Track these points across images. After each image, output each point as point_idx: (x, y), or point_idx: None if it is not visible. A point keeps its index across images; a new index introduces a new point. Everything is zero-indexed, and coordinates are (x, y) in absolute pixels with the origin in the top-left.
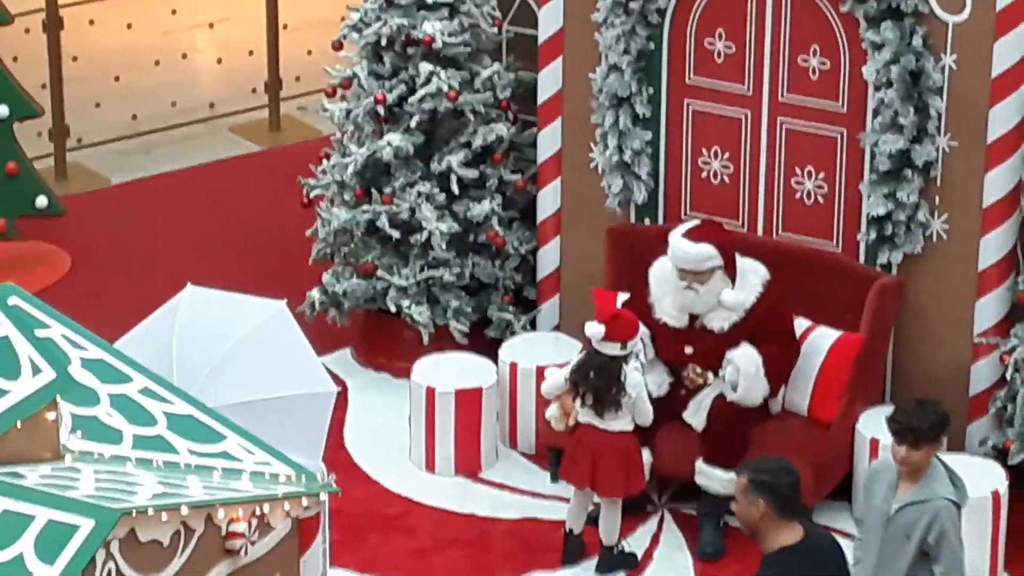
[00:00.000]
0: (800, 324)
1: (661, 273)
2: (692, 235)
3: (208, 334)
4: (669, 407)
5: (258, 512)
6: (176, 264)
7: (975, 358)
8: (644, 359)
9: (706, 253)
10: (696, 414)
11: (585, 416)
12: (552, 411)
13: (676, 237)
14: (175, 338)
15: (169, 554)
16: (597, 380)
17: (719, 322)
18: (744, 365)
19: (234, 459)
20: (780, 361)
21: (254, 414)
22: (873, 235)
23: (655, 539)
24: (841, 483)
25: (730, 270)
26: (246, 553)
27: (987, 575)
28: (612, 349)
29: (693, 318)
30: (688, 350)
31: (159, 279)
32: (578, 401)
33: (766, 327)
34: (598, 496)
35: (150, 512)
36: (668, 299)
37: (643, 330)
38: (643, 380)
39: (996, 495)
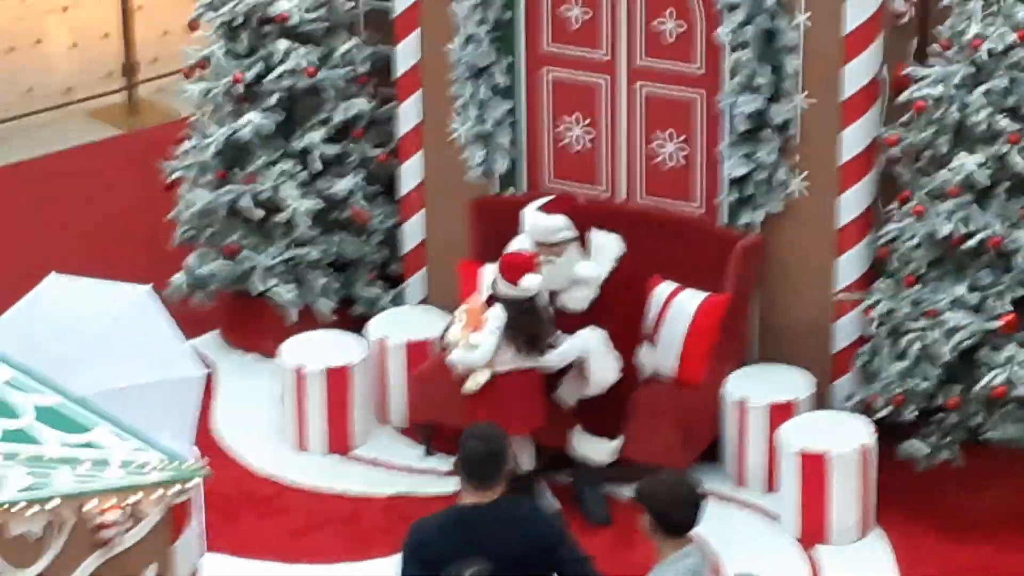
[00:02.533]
0: (666, 288)
1: (519, 247)
2: (545, 208)
3: (73, 322)
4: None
5: (129, 500)
6: (38, 252)
7: (838, 315)
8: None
9: (558, 224)
10: (567, 394)
11: (516, 362)
12: (477, 382)
13: (530, 211)
14: (40, 327)
15: (40, 547)
16: (534, 325)
17: (577, 303)
18: (589, 344)
19: (104, 448)
20: (626, 333)
21: (122, 401)
22: (734, 196)
23: None
24: (710, 445)
25: (584, 240)
26: (119, 542)
27: (858, 530)
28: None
29: (552, 298)
30: None
31: (21, 268)
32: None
33: (615, 301)
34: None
35: (20, 505)
36: None
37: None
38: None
39: (864, 450)
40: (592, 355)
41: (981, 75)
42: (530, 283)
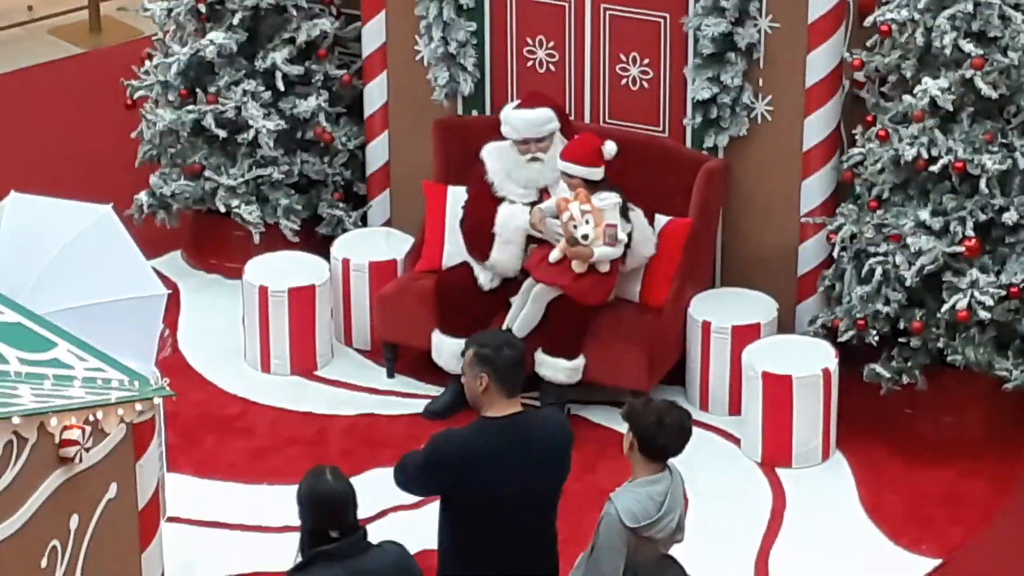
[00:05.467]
0: None
1: (497, 152)
2: (525, 105)
3: (34, 241)
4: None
5: (91, 419)
6: None
7: (802, 238)
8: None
9: (546, 116)
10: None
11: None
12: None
13: (509, 111)
14: (0, 246)
15: (2, 465)
16: None
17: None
18: (633, 217)
19: (65, 366)
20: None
21: (84, 320)
22: (699, 119)
23: None
24: (674, 367)
25: (568, 131)
26: (81, 460)
27: (820, 453)
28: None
29: (542, 196)
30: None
31: None
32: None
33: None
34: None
35: None
36: (511, 179)
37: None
38: None
39: (827, 373)
40: (635, 228)
41: None
42: (611, 148)
